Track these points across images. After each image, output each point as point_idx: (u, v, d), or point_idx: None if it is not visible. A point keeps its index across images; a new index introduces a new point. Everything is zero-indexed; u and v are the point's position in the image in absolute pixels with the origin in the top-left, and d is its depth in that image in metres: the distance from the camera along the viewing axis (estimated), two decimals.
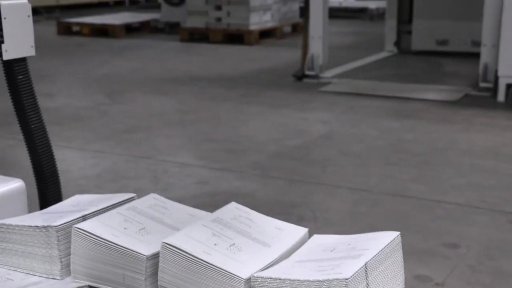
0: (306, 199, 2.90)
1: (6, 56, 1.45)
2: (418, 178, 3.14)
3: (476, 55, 5.07)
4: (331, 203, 2.85)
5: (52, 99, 4.81)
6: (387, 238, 1.21)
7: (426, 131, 3.93)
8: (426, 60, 6.35)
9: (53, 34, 8.55)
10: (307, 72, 5.40)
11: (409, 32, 6.72)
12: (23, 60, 1.51)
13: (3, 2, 1.40)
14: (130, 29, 8.57)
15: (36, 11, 10.61)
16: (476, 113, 4.32)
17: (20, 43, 1.48)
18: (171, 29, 8.64)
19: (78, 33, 8.53)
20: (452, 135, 3.83)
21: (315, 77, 5.38)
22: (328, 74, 5.50)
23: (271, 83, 5.36)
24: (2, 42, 1.43)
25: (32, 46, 1.51)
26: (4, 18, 1.40)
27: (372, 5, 10.06)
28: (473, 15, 6.10)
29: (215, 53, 7.05)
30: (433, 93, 4.87)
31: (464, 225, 2.61)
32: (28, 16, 1.49)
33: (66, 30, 8.58)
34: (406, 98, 4.75)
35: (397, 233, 1.21)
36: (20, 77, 1.51)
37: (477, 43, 5.61)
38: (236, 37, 7.69)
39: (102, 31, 8.38)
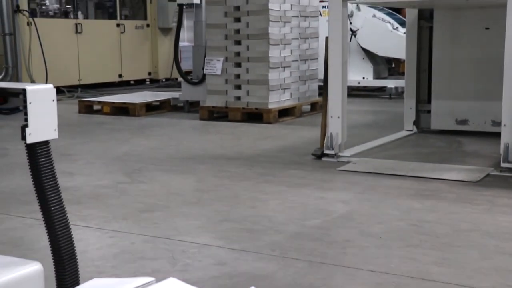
0: (326, 281, 2.84)
1: (29, 140, 1.46)
2: (441, 260, 3.07)
3: (497, 135, 5.06)
4: (352, 286, 2.79)
5: (72, 178, 4.83)
6: None
7: (448, 211, 3.88)
8: (446, 140, 6.34)
9: (74, 112, 8.69)
10: (326, 151, 5.40)
11: (428, 112, 6.75)
12: (45, 143, 1.53)
13: (28, 88, 1.42)
14: (150, 108, 8.70)
15: (58, 90, 10.85)
16: (499, 193, 4.27)
17: (44, 127, 1.50)
18: (191, 107, 8.75)
19: (99, 112, 8.66)
20: (474, 216, 3.77)
21: (334, 156, 5.38)
22: (347, 153, 5.50)
23: (290, 162, 5.36)
24: (27, 126, 1.45)
25: (55, 130, 1.53)
26: (30, 103, 1.43)
27: (390, 84, 10.15)
28: (493, 95, 6.13)
29: (234, 131, 7.10)
30: (453, 173, 4.83)
31: None
32: (53, 100, 1.51)
33: (87, 108, 8.73)
34: (426, 178, 4.71)
35: None
36: (42, 159, 1.52)
37: (498, 123, 5.61)
38: (255, 116, 7.76)
39: (122, 110, 8.51)
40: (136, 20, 12.76)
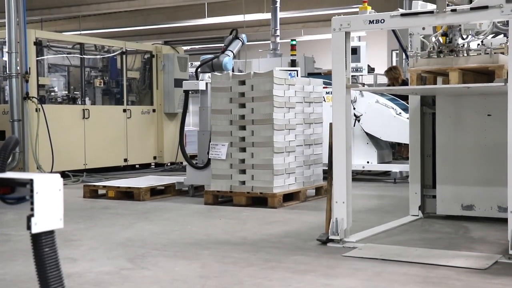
0: None
1: (35, 229, 1.46)
2: None
3: (504, 220, 5.01)
4: None
5: (75, 264, 4.78)
6: None
7: None
8: (452, 225, 6.29)
9: (79, 197, 8.69)
10: (331, 237, 5.36)
11: (434, 197, 6.72)
12: (50, 232, 1.52)
13: (36, 178, 1.43)
14: (155, 192, 8.70)
15: (64, 175, 10.90)
16: (508, 282, 4.19)
17: (49, 216, 1.50)
18: (196, 191, 8.75)
19: (103, 196, 8.66)
20: None
21: (340, 241, 5.33)
22: (352, 238, 5.45)
23: (295, 247, 5.31)
24: (32, 215, 1.45)
25: (60, 219, 1.53)
26: (36, 193, 1.43)
27: (395, 169, 10.16)
28: (498, 180, 6.12)
29: (239, 216, 7.07)
30: (461, 259, 4.76)
31: None
32: (59, 190, 1.52)
33: (92, 193, 8.73)
34: (433, 264, 4.65)
35: None
36: (47, 249, 1.51)
37: (504, 209, 5.58)
38: (260, 200, 7.75)
39: (127, 194, 8.51)
40: (142, 105, 12.95)
